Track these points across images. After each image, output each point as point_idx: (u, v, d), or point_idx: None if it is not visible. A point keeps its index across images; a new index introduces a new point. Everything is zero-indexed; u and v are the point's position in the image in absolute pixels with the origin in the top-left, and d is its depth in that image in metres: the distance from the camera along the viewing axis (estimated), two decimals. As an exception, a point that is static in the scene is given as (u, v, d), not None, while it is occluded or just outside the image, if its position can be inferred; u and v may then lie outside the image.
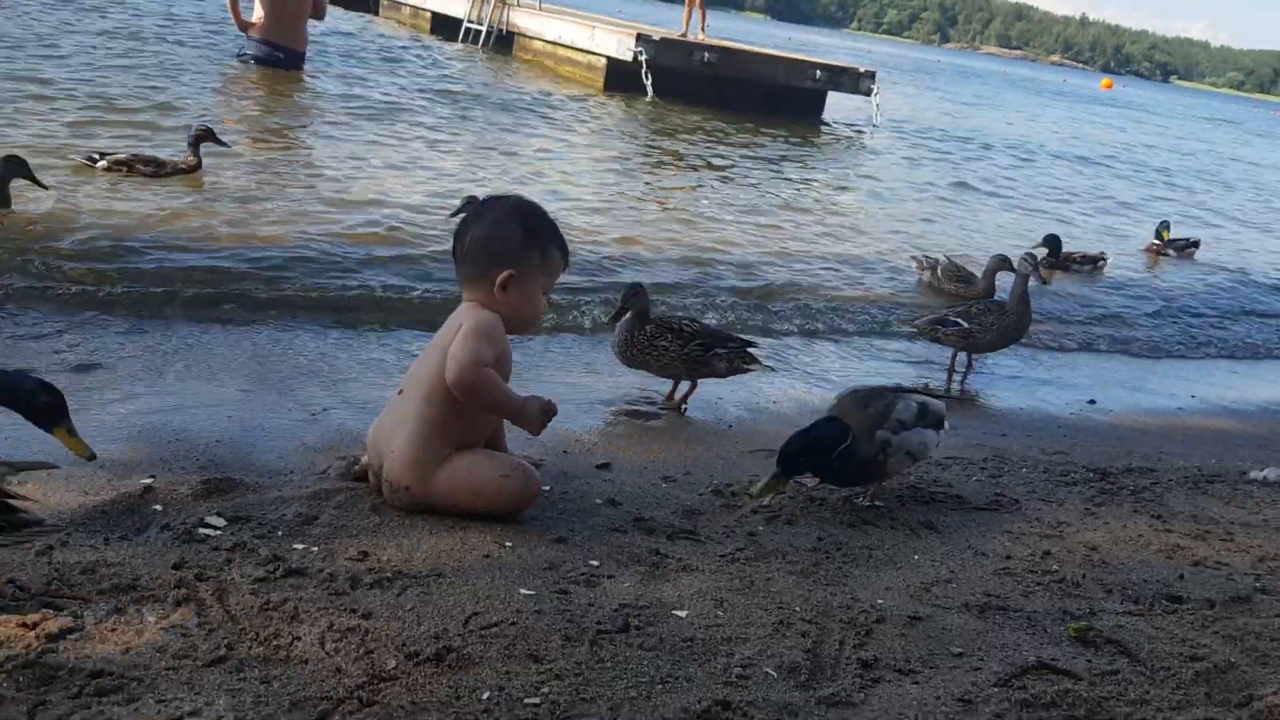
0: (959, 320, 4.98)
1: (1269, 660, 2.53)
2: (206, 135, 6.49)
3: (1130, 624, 2.65)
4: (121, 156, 6.28)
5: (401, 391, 2.87)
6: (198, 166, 6.45)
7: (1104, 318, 6.80)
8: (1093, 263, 8.22)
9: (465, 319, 2.82)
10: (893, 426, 3.16)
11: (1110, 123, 30.73)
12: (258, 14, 10.95)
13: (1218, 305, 7.77)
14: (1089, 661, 2.43)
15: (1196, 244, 9.54)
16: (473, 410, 2.79)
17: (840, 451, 3.01)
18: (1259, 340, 6.95)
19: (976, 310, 4.99)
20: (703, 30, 18.45)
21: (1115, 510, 3.49)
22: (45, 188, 5.28)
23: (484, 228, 2.88)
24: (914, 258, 7.10)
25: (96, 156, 6.21)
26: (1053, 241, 7.93)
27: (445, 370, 2.72)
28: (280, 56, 11.03)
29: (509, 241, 2.86)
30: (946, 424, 3.38)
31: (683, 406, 4.09)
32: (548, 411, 2.88)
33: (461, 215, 5.36)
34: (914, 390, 3.46)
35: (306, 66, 11.36)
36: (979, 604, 2.66)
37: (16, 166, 5.08)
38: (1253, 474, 4.10)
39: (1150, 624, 2.66)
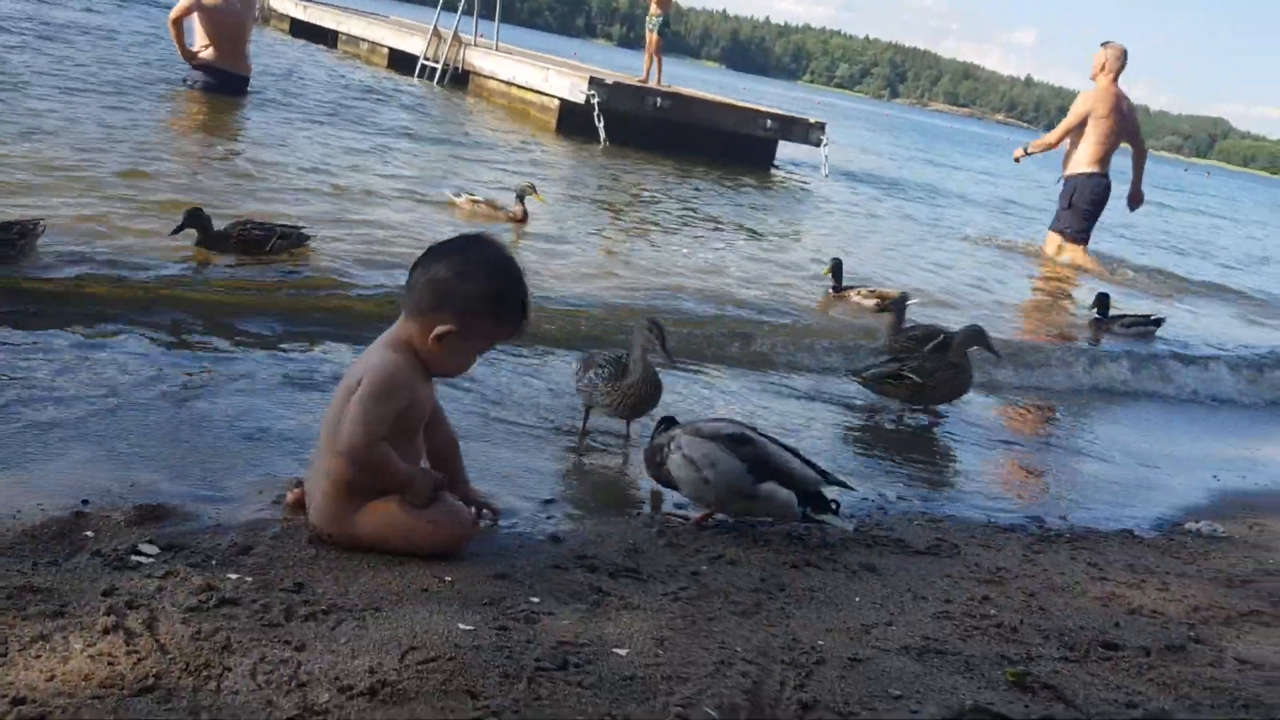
0: (897, 361, 5.10)
1: (1201, 708, 2.56)
2: (530, 189, 7.70)
3: (1066, 670, 2.67)
4: (479, 197, 7.84)
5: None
6: (525, 217, 7.67)
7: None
8: (882, 300, 7.09)
9: (368, 369, 2.68)
10: (682, 430, 3.31)
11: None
12: (200, 41, 10.94)
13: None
14: (1025, 706, 2.45)
15: (1158, 322, 8.30)
16: None
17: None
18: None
19: (911, 365, 5.04)
20: (659, 82, 18.63)
21: (1053, 557, 3.53)
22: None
23: (451, 270, 2.68)
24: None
25: (459, 193, 7.90)
26: (836, 264, 7.45)
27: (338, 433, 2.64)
28: (221, 81, 11.07)
29: (469, 297, 2.68)
30: (790, 493, 3.21)
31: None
32: (438, 486, 2.77)
33: (184, 230, 5.35)
34: (786, 449, 3.32)
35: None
36: (918, 647, 2.67)
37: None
38: (1187, 525, 4.17)
39: (1086, 670, 2.69)
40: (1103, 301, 8.20)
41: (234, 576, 2.47)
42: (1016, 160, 12.20)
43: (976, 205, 17.97)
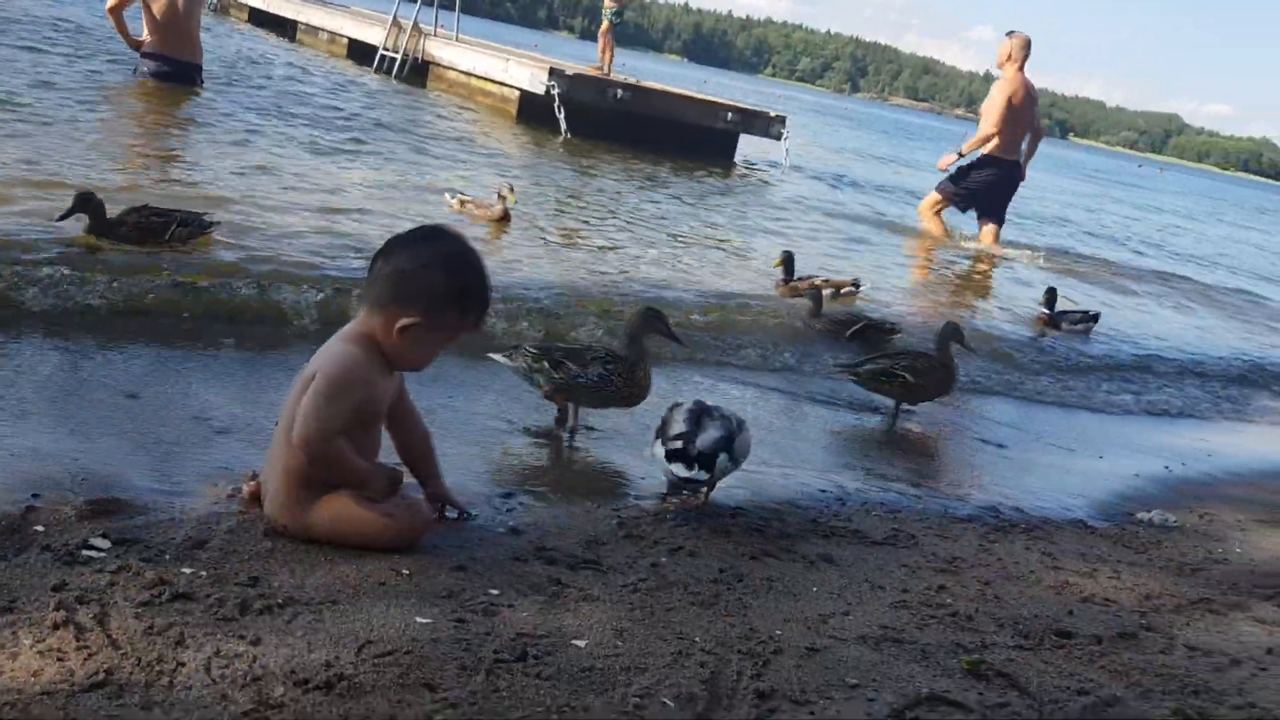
0: (888, 359, 5.14)
1: (1152, 695, 2.60)
2: (508, 190, 7.63)
3: (1021, 658, 2.70)
4: (468, 198, 7.86)
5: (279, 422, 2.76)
6: (506, 217, 7.63)
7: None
8: (837, 289, 7.40)
9: (324, 362, 2.66)
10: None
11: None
12: (147, 29, 10.70)
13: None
14: (980, 694, 2.47)
15: (1096, 317, 8.24)
16: None
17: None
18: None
19: (903, 363, 5.08)
20: (609, 70, 18.57)
21: (1008, 547, 3.57)
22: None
23: (414, 263, 2.66)
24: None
25: (456, 193, 8.00)
26: (787, 256, 7.40)
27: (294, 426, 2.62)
28: (171, 69, 10.83)
29: (434, 290, 2.67)
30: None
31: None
32: (394, 480, 2.77)
33: (73, 215, 5.10)
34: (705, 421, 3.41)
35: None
36: (875, 636, 2.70)
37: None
38: (1139, 515, 4.23)
39: (1040, 658, 2.72)
40: (1051, 296, 8.19)
41: (188, 570, 2.44)
42: (942, 169, 12.12)
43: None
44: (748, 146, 17.14)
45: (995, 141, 11.31)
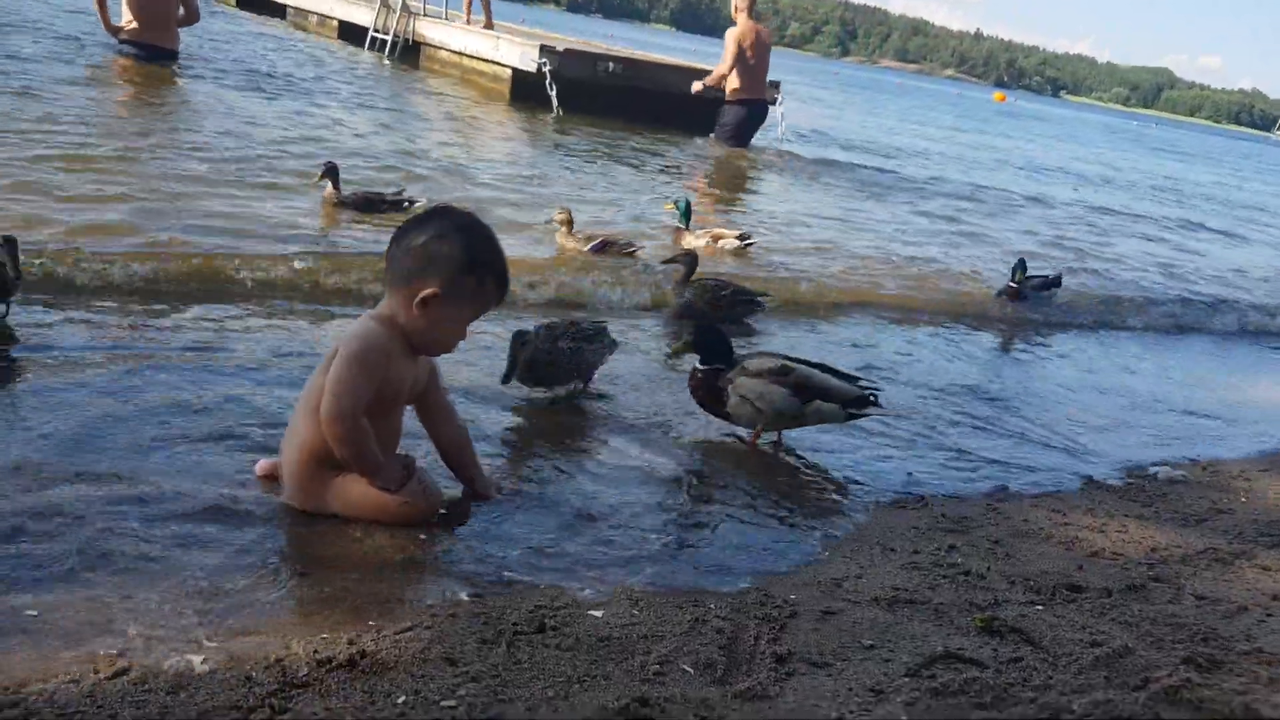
0: None
1: (1163, 644, 2.63)
2: (330, 171, 6.68)
3: (1032, 613, 2.73)
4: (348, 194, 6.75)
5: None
6: (334, 198, 6.66)
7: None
8: (715, 239, 7.10)
9: (346, 337, 2.68)
10: (735, 373, 3.67)
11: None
12: (125, 16, 11.03)
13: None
14: (994, 650, 2.50)
15: (1058, 281, 7.77)
16: None
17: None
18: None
19: None
20: (469, 19, 17.93)
21: (1017, 505, 3.60)
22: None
23: (426, 235, 2.69)
24: None
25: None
26: (686, 204, 7.21)
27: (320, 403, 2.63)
28: (148, 54, 11.14)
29: (447, 259, 2.68)
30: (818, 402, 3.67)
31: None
32: (408, 469, 2.77)
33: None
34: (822, 368, 3.78)
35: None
36: (888, 597, 2.72)
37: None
38: (1150, 469, 4.26)
39: (1051, 613, 2.75)
40: (1021, 265, 7.84)
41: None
42: (696, 92, 13.88)
43: (932, 161, 18.03)
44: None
45: (735, 84, 13.28)
